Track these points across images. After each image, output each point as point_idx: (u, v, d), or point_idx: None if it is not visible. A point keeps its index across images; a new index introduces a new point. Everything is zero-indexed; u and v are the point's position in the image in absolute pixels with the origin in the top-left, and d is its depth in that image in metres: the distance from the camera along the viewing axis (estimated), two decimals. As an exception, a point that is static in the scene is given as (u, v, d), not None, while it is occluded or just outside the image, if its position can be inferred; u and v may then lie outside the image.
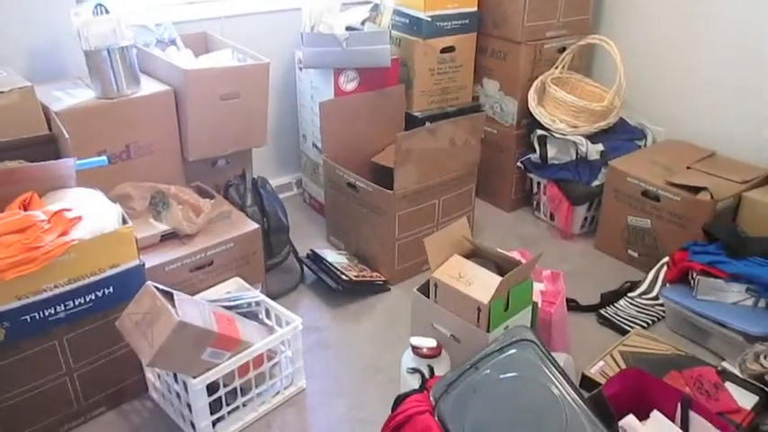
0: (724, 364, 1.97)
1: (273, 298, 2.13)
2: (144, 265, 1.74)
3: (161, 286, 1.61)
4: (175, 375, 1.69)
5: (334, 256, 2.46)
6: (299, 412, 1.88)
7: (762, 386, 1.84)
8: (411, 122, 2.70)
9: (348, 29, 2.50)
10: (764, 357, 1.87)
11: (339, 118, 2.56)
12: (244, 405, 1.81)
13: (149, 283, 1.61)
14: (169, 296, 1.60)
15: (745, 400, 1.82)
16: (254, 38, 2.58)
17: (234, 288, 2.03)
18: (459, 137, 2.38)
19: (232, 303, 1.88)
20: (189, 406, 1.69)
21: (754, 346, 1.93)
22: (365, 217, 2.42)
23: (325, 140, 2.56)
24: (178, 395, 1.72)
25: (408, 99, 2.74)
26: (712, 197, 2.24)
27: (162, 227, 2.00)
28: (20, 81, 1.85)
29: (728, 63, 2.56)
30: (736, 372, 1.91)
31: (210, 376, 1.64)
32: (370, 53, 2.47)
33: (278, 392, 1.89)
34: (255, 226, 2.12)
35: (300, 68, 2.73)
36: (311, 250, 2.46)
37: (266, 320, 1.94)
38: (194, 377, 1.62)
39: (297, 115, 2.91)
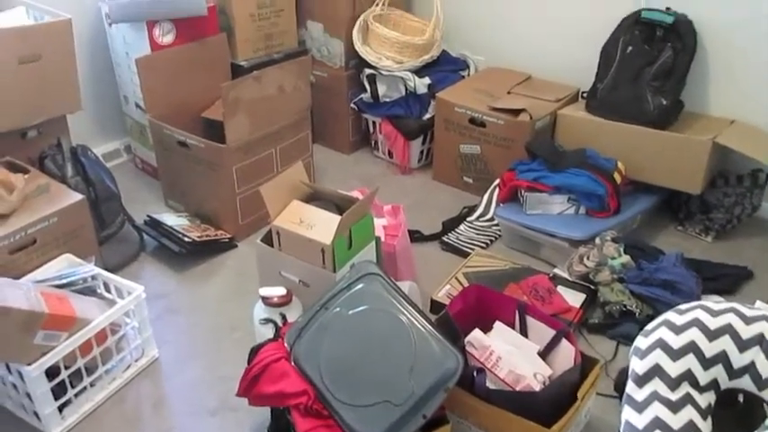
0: (555, 270, 2.15)
1: (113, 270, 2.03)
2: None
3: (-26, 274, 1.47)
4: (8, 365, 1.56)
5: (174, 220, 2.36)
6: (154, 382, 1.82)
7: (587, 284, 2.03)
8: (237, 72, 2.61)
9: (155, -23, 2.35)
10: (587, 258, 2.05)
11: (159, 74, 2.42)
12: (92, 385, 1.72)
13: (-41, 272, 1.46)
14: (-15, 283, 1.47)
15: (575, 299, 2.00)
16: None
17: (65, 265, 1.89)
18: (287, 82, 2.34)
19: (64, 281, 1.76)
20: (29, 395, 1.58)
21: (578, 250, 2.11)
22: (201, 175, 2.33)
23: (148, 99, 2.42)
24: (15, 386, 1.60)
25: (232, 48, 2.64)
26: (531, 117, 2.39)
27: (-30, 210, 1.81)
28: None
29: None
30: (566, 275, 2.09)
31: (48, 360, 1.54)
32: (183, 1, 2.34)
33: (129, 366, 1.82)
34: (80, 197, 1.97)
35: (110, 24, 2.53)
36: (148, 216, 2.34)
37: (106, 294, 1.84)
38: (29, 364, 1.50)
39: (114, 75, 2.71)
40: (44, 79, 2.05)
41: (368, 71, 2.72)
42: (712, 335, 1.03)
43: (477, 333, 1.63)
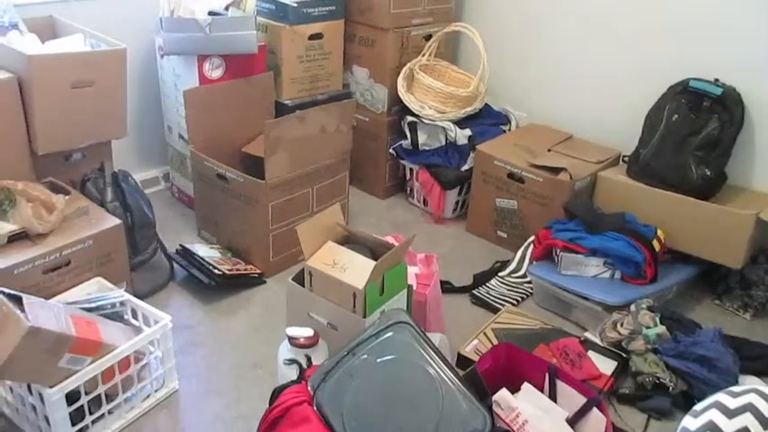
0: (586, 334, 2.09)
1: (142, 297, 2.02)
2: (-12, 269, 1.59)
3: (7, 290, 1.47)
4: (29, 386, 1.55)
5: (205, 251, 2.37)
6: (171, 415, 1.79)
7: (619, 352, 1.97)
8: (281, 111, 2.65)
9: (210, 14, 2.40)
10: (621, 325, 1.99)
11: (205, 107, 2.46)
12: (110, 412, 1.69)
13: (-6, 288, 1.47)
14: (17, 300, 1.47)
15: (606, 365, 1.94)
16: (108, 23, 2.42)
17: (95, 289, 1.90)
18: (329, 124, 2.36)
19: (93, 305, 1.76)
20: (47, 419, 1.56)
21: (612, 316, 2.06)
22: (237, 209, 2.35)
23: (192, 131, 2.45)
24: (34, 408, 1.59)
25: (278, 87, 2.68)
26: (571, 177, 2.37)
27: (9, 227, 1.83)
28: None
29: (584, 53, 2.70)
30: (597, 340, 2.04)
31: (69, 384, 1.52)
32: (235, 39, 2.39)
33: (148, 396, 1.79)
34: (117, 222, 1.99)
35: (161, 56, 2.60)
36: (181, 245, 2.35)
37: (133, 321, 1.83)
38: (51, 386, 1.49)
39: (160, 105, 2.77)
40: (94, 105, 2.09)
41: (409, 119, 2.74)
42: (767, 423, 0.98)
43: (504, 393, 1.58)
